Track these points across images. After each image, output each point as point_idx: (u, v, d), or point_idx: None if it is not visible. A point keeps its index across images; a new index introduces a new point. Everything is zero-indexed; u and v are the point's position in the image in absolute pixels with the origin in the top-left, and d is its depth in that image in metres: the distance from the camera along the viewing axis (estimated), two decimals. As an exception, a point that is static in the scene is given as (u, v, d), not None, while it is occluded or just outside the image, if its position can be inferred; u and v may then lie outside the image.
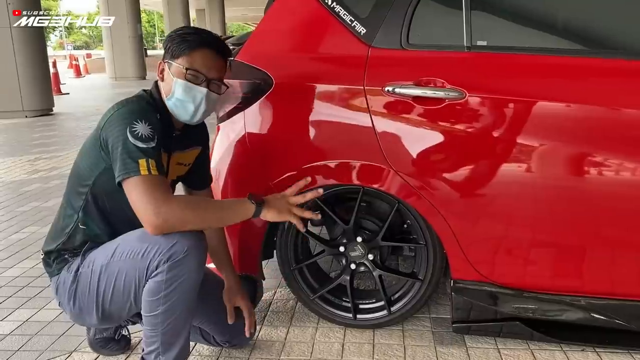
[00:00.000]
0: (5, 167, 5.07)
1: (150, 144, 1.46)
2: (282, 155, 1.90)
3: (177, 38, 1.58)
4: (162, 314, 1.49)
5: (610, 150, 1.63)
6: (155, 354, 1.54)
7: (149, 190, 1.42)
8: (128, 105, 1.52)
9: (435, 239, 1.85)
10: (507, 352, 1.85)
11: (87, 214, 1.59)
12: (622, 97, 1.62)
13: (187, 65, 1.56)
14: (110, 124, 1.49)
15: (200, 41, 1.57)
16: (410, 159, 1.76)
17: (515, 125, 1.67)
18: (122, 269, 1.50)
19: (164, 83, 1.61)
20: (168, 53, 1.59)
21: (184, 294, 1.50)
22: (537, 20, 1.81)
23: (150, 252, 1.46)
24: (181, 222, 1.45)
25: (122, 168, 1.43)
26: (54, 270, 1.62)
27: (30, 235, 3.18)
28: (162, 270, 1.45)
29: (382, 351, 1.87)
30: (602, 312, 1.76)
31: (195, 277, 1.51)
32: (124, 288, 1.51)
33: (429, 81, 1.73)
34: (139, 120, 1.46)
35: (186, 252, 1.45)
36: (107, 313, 1.57)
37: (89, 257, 1.57)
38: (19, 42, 8.39)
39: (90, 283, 1.54)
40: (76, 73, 19.32)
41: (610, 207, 1.67)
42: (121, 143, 1.44)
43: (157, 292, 1.47)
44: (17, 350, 1.95)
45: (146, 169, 1.42)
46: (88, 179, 1.57)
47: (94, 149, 1.54)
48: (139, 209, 1.43)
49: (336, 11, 1.85)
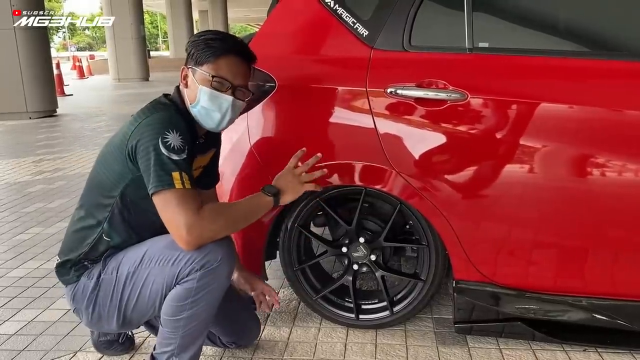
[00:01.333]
0: (10, 168, 5.10)
1: (182, 155, 1.44)
2: (284, 156, 1.91)
3: (201, 44, 1.55)
4: (185, 318, 1.49)
5: (611, 151, 1.64)
6: (168, 355, 1.55)
7: (183, 206, 1.41)
8: (156, 113, 1.49)
9: (437, 239, 1.86)
10: (508, 352, 1.85)
11: (112, 225, 1.56)
12: (624, 99, 1.63)
13: (212, 73, 1.54)
14: (139, 133, 1.45)
15: (226, 48, 1.56)
16: (412, 160, 1.76)
17: (517, 126, 1.67)
18: (150, 276, 1.50)
19: (188, 90, 1.59)
20: (192, 59, 1.56)
21: (211, 302, 1.51)
22: (538, 22, 1.82)
23: (182, 260, 1.46)
24: (214, 234, 1.47)
25: (155, 180, 1.41)
26: (72, 277, 1.60)
27: (35, 236, 3.20)
28: (193, 277, 1.45)
29: (384, 351, 1.88)
30: (604, 312, 1.77)
31: (225, 286, 1.53)
32: (150, 294, 1.51)
33: (430, 83, 1.74)
34: (171, 130, 1.44)
35: (219, 262, 1.47)
36: (128, 319, 1.57)
37: (112, 263, 1.56)
38: (22, 44, 8.42)
39: (114, 289, 1.54)
40: (79, 74, 19.38)
41: (612, 207, 1.68)
42: (153, 154, 1.42)
43: (185, 298, 1.47)
44: (22, 350, 1.96)
45: (180, 182, 1.42)
46: (114, 190, 1.54)
47: (119, 159, 1.51)
48: (172, 225, 1.43)
49: (338, 13, 1.86)
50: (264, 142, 1.93)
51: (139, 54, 17.19)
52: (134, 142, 1.46)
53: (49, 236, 3.19)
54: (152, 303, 1.53)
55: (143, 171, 1.45)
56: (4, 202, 3.97)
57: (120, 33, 16.98)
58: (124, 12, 16.85)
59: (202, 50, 1.54)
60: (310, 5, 1.91)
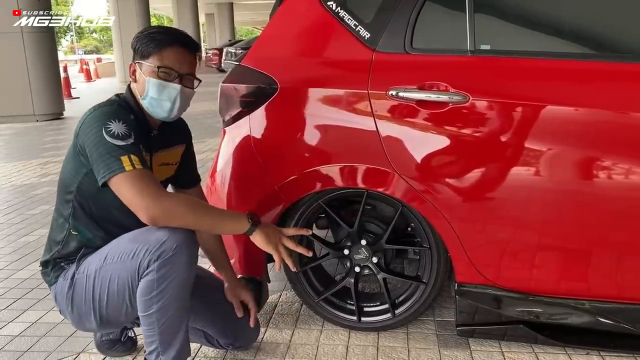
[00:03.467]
0: (16, 171, 5.13)
1: (128, 140, 1.48)
2: (286, 158, 1.92)
3: (144, 38, 1.60)
4: (156, 312, 1.50)
5: (614, 154, 1.63)
6: (155, 354, 1.56)
7: (139, 184, 1.44)
8: (99, 108, 1.55)
9: (439, 242, 1.85)
10: (511, 356, 1.85)
11: (76, 220, 1.61)
12: (627, 101, 1.62)
13: (158, 64, 1.58)
14: (85, 128, 1.51)
15: (169, 40, 1.59)
16: (414, 163, 1.76)
17: (518, 129, 1.67)
18: (114, 272, 1.52)
19: (137, 84, 1.63)
20: (137, 54, 1.61)
21: (176, 291, 1.50)
22: (539, 24, 1.81)
23: (140, 252, 1.47)
24: (178, 218, 1.48)
25: (105, 168, 1.45)
26: (51, 279, 1.64)
27: (40, 238, 3.21)
28: (152, 268, 1.46)
29: (386, 354, 1.88)
30: (607, 315, 1.76)
31: (187, 274, 1.52)
32: (117, 291, 1.53)
33: (432, 85, 1.74)
34: (113, 120, 1.49)
35: (175, 250, 1.47)
36: (105, 317, 1.58)
37: (84, 263, 1.59)
38: (30, 47, 8.49)
39: (85, 289, 1.56)
40: (87, 77, 19.49)
41: (614, 210, 1.67)
42: (99, 144, 1.46)
43: (150, 291, 1.48)
44: (26, 351, 1.97)
45: (130, 164, 1.45)
46: (72, 185, 1.58)
47: (73, 155, 1.56)
48: (133, 203, 1.45)
49: (340, 16, 1.86)
50: (266, 144, 1.93)
51: (145, 57, 17.29)
52: (81, 138, 1.51)
53: (54, 238, 3.20)
54: (122, 299, 1.54)
55: (92, 162, 1.48)
56: (10, 204, 4.00)
57: (127, 37, 17.04)
58: (131, 16, 16.97)
59: (146, 44, 1.58)
60: (312, 8, 1.91)
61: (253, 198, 1.93)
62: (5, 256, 2.94)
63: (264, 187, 1.94)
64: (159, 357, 1.56)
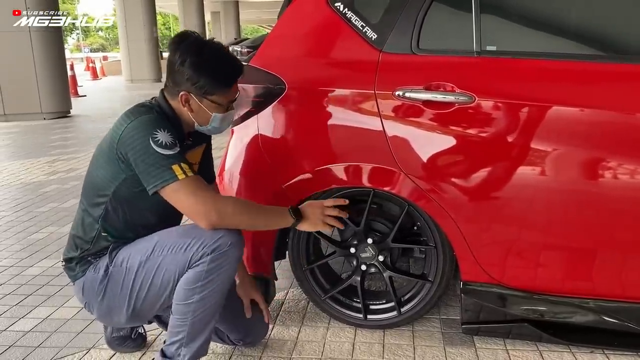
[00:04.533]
0: (25, 169, 5.18)
1: (175, 149, 1.52)
2: (293, 158, 1.94)
3: (206, 71, 1.58)
4: (196, 302, 1.55)
5: (619, 154, 1.64)
6: (178, 345, 1.60)
7: (195, 192, 1.51)
8: (140, 116, 1.55)
9: (445, 241, 1.87)
10: (515, 353, 1.86)
11: (106, 222, 1.63)
12: (633, 102, 1.63)
13: (225, 102, 1.64)
14: (128, 137, 1.51)
15: (233, 76, 1.64)
16: (420, 162, 1.78)
17: (524, 129, 1.69)
18: (162, 264, 1.56)
19: (193, 114, 1.64)
20: (198, 88, 1.59)
21: (220, 286, 1.57)
22: (545, 25, 1.83)
23: (194, 246, 1.53)
24: (234, 220, 1.57)
25: (156, 177, 1.49)
26: (77, 273, 1.66)
27: (49, 235, 3.25)
28: (204, 261, 1.52)
29: (391, 351, 1.90)
30: (611, 314, 1.77)
31: (233, 272, 1.61)
32: (162, 282, 1.57)
33: (438, 85, 1.75)
34: (158, 129, 1.51)
35: (230, 246, 1.55)
36: (137, 310, 1.62)
37: (120, 256, 1.61)
38: (37, 45, 8.53)
39: (123, 281, 1.59)
40: (93, 75, 19.57)
41: (620, 209, 1.68)
42: (147, 154, 1.49)
43: (196, 282, 1.53)
44: (37, 346, 2.01)
45: (182, 173, 1.50)
46: (107, 189, 1.60)
47: (110, 161, 1.56)
48: (191, 210, 1.52)
49: (348, 17, 1.88)
50: (273, 144, 1.95)
51: (151, 55, 17.35)
52: (124, 147, 1.52)
53: (62, 235, 3.24)
54: (163, 291, 1.58)
55: (140, 172, 1.51)
56: (20, 202, 4.04)
57: (133, 35, 17.15)
58: (137, 14, 17.03)
59: (211, 83, 1.59)
60: (320, 9, 1.93)
61: (260, 197, 1.95)
62: (15, 253, 2.97)
63: (272, 186, 1.96)
64: (180, 349, 1.60)
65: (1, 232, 3.35)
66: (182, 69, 1.58)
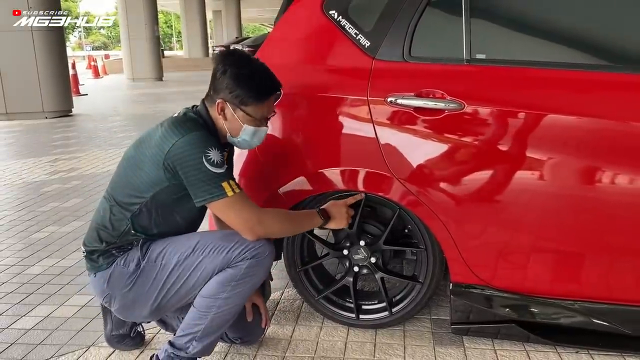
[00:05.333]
0: (27, 168, 5.23)
1: (224, 166, 1.62)
2: (289, 162, 1.99)
3: (244, 82, 1.66)
4: (223, 299, 1.65)
5: (602, 159, 1.69)
6: (190, 337, 1.68)
7: (242, 207, 1.64)
8: (192, 132, 1.62)
9: (435, 243, 1.92)
10: (503, 353, 1.92)
11: (139, 220, 1.70)
12: (619, 110, 1.69)
13: (258, 115, 1.72)
14: (179, 151, 1.59)
15: (268, 90, 1.72)
16: (411, 167, 1.83)
17: (511, 135, 1.73)
18: (202, 263, 1.65)
19: (227, 122, 1.71)
20: (235, 97, 1.67)
21: (247, 289, 1.69)
22: (533, 34, 1.88)
23: (237, 250, 1.65)
24: (276, 231, 1.74)
25: (207, 192, 1.60)
26: (101, 265, 1.71)
27: (51, 235, 3.31)
28: (243, 264, 1.65)
29: (382, 350, 1.95)
30: (597, 316, 1.82)
31: (261, 279, 1.73)
32: (196, 280, 1.66)
33: (429, 92, 1.80)
34: (210, 148, 1.60)
35: (267, 255, 1.69)
36: (162, 305, 1.71)
37: (154, 252, 1.69)
38: (39, 44, 8.58)
39: (156, 275, 1.68)
40: (94, 74, 19.60)
41: (604, 213, 1.73)
42: (199, 170, 1.59)
43: (230, 281, 1.64)
44: (38, 344, 2.06)
45: (231, 190, 1.61)
46: (146, 192, 1.67)
47: (154, 168, 1.63)
48: (238, 224, 1.65)
49: (342, 25, 1.93)
50: (269, 147, 2.00)
51: (153, 54, 17.39)
52: (175, 160, 1.60)
53: (64, 235, 3.30)
54: (195, 289, 1.68)
55: (190, 184, 1.61)
56: (21, 201, 4.10)
57: (135, 33, 17.20)
58: (139, 13, 17.09)
59: (247, 93, 1.67)
60: (315, 16, 1.98)
61: (257, 200, 1.99)
62: (17, 252, 3.03)
63: (268, 189, 2.02)
64: (192, 342, 1.68)
65: (3, 232, 3.40)
66: (222, 78, 1.67)
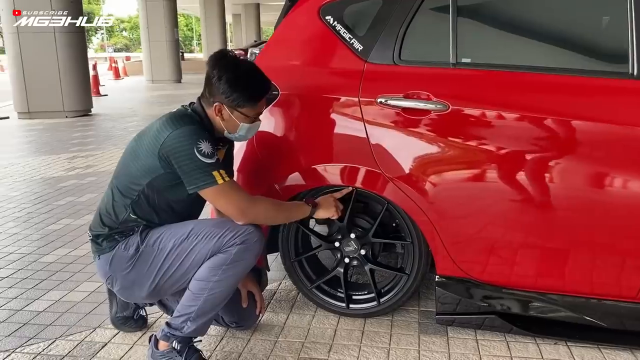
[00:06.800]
0: (46, 164, 5.44)
1: (214, 157, 1.75)
2: (284, 158, 2.11)
3: (239, 87, 1.78)
4: (214, 282, 1.77)
5: (580, 158, 1.79)
6: (185, 318, 1.79)
7: (234, 194, 1.77)
8: (186, 125, 1.74)
9: (421, 237, 2.02)
10: (484, 343, 2.01)
11: (138, 207, 1.83)
12: (599, 112, 1.78)
13: (253, 114, 1.85)
14: (173, 142, 1.71)
15: (262, 93, 1.84)
16: (398, 164, 1.94)
17: (494, 134, 1.84)
18: (195, 248, 1.78)
19: (224, 122, 1.84)
20: (231, 101, 1.79)
21: (238, 273, 1.81)
22: (515, 40, 1.99)
23: (227, 235, 1.77)
24: (268, 215, 1.87)
25: (199, 180, 1.72)
26: (105, 248, 1.85)
27: (65, 227, 3.48)
28: (232, 249, 1.76)
29: (369, 337, 2.06)
30: (575, 309, 1.91)
31: (251, 264, 1.84)
32: (190, 264, 1.79)
33: (416, 94, 1.91)
34: (202, 140, 1.73)
35: (257, 241, 1.81)
36: (159, 288, 1.84)
37: (152, 237, 1.82)
38: (61, 46, 8.84)
39: (153, 259, 1.80)
40: (115, 75, 19.96)
41: (583, 209, 1.82)
42: (191, 160, 1.71)
43: (221, 264, 1.76)
44: (49, 325, 2.20)
45: (221, 178, 1.73)
46: (142, 179, 1.80)
47: (150, 157, 1.76)
48: (230, 209, 1.77)
49: (337, 29, 2.05)
50: (267, 145, 2.13)
51: (172, 56, 17.65)
52: (168, 150, 1.72)
53: (77, 227, 3.46)
54: (189, 273, 1.80)
55: (183, 173, 1.73)
56: (39, 195, 4.28)
57: (155, 36, 17.47)
58: (159, 16, 17.34)
59: (241, 95, 1.79)
60: (312, 21, 2.10)
61: (255, 193, 2.12)
62: (33, 242, 3.19)
63: (265, 184, 2.14)
64: (187, 322, 1.79)
65: (21, 223, 3.58)
66: (218, 84, 1.79)
